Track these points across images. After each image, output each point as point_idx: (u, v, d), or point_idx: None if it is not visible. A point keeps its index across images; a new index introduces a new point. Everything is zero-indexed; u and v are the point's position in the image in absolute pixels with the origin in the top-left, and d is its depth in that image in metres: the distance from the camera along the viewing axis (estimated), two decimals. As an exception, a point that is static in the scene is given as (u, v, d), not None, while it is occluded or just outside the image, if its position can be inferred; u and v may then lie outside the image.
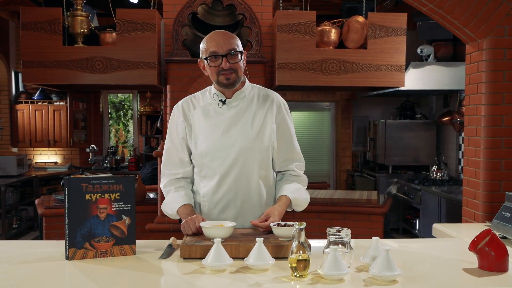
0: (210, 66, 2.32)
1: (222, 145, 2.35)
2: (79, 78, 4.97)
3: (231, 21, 5.10)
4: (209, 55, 2.30)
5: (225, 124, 2.38)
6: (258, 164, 2.39)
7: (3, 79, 8.33)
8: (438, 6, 3.51)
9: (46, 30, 4.93)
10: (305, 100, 8.86)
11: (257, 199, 2.41)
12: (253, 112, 2.40)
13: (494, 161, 3.45)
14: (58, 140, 8.40)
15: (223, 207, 2.39)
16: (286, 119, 2.47)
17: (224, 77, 2.31)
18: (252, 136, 2.37)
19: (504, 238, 2.40)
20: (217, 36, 2.34)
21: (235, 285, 1.73)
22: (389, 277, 1.71)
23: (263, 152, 2.39)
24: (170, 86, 4.92)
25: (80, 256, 1.99)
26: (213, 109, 2.41)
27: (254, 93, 2.46)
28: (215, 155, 2.35)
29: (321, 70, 5.01)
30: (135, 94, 9.19)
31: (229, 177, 2.36)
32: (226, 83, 2.33)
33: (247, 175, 2.37)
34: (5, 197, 6.78)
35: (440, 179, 6.65)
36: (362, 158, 8.51)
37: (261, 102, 2.44)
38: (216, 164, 2.36)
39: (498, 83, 3.44)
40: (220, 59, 2.28)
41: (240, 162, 2.35)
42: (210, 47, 2.31)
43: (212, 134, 2.36)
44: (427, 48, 6.39)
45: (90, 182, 1.99)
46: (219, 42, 2.30)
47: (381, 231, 5.11)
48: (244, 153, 2.35)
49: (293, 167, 2.49)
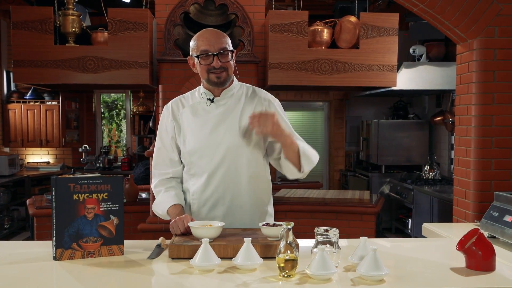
0: (201, 64, 2.32)
1: (210, 143, 2.35)
2: (70, 77, 4.95)
3: (224, 20, 5.09)
4: (200, 53, 2.30)
5: (213, 122, 2.38)
6: (247, 161, 2.38)
7: (-6, 78, 8.30)
8: (429, 6, 3.52)
9: (37, 29, 4.90)
10: (298, 100, 8.86)
11: (247, 197, 2.40)
12: (240, 110, 2.40)
13: (485, 161, 3.46)
14: (50, 140, 8.37)
15: (212, 205, 2.39)
16: (278, 113, 2.41)
17: (215, 75, 2.31)
18: (240, 134, 2.36)
19: (493, 238, 2.41)
20: (208, 35, 2.33)
21: (222, 285, 1.72)
22: (376, 276, 1.71)
23: (252, 150, 2.39)
24: (162, 86, 4.91)
25: (67, 257, 1.98)
26: (201, 108, 2.41)
27: (242, 91, 2.47)
28: (203, 153, 2.36)
29: (313, 70, 5.01)
30: (128, 93, 9.17)
31: (218, 174, 2.36)
32: (217, 82, 2.33)
33: (236, 173, 2.37)
34: (-3, 197, 6.76)
35: (433, 178, 6.67)
36: (355, 157, 8.53)
37: (249, 100, 2.44)
38: (204, 162, 2.36)
39: (488, 83, 3.45)
40: (211, 58, 2.29)
41: (228, 159, 2.36)
42: (201, 45, 2.30)
43: (200, 132, 2.37)
44: (419, 48, 6.41)
45: (77, 182, 1.98)
46: (211, 40, 2.30)
47: (373, 230, 5.11)
48: (232, 151, 2.36)
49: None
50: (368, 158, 7.98)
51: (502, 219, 2.32)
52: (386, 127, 7.66)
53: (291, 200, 5.26)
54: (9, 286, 1.72)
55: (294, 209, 5.13)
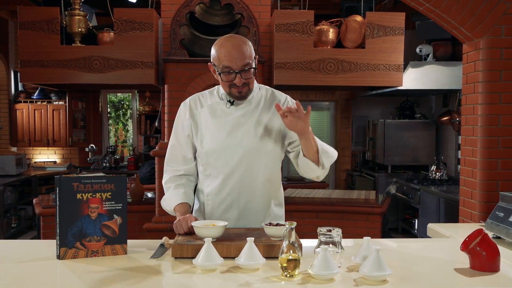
0: (223, 80, 2.28)
1: (227, 145, 2.34)
2: (76, 77, 4.97)
3: (229, 20, 5.10)
4: (223, 69, 2.25)
5: (231, 124, 2.36)
6: (264, 166, 2.38)
7: (2, 78, 8.34)
8: (435, 6, 3.50)
9: (44, 30, 4.93)
10: (304, 100, 8.84)
11: (261, 201, 2.40)
12: (259, 114, 2.39)
13: (491, 161, 3.44)
14: (57, 139, 8.41)
15: (227, 207, 2.38)
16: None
17: (237, 90, 2.29)
18: (258, 138, 2.36)
19: (498, 238, 2.40)
20: (231, 50, 2.23)
21: (225, 285, 1.72)
22: (379, 277, 1.71)
23: (269, 154, 2.38)
24: (168, 86, 4.92)
25: (71, 256, 1.98)
26: (220, 109, 2.40)
27: (261, 94, 2.45)
28: (220, 155, 2.35)
29: (319, 70, 5.00)
30: (135, 93, 9.19)
31: (234, 177, 2.35)
32: (238, 96, 2.31)
33: (251, 176, 2.36)
34: (4, 197, 6.78)
35: (439, 179, 6.64)
36: (361, 157, 8.50)
37: (268, 104, 2.42)
38: (220, 164, 2.35)
39: (495, 83, 3.43)
40: (233, 75, 2.25)
41: (245, 163, 2.35)
42: (224, 61, 2.23)
43: (218, 134, 2.35)
44: (426, 48, 6.38)
45: (81, 182, 1.98)
46: (234, 56, 2.22)
47: (379, 230, 5.10)
48: (249, 154, 2.35)
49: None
50: (374, 158, 7.96)
51: (508, 220, 2.31)
52: (393, 127, 7.63)
53: (296, 200, 5.25)
54: (12, 285, 1.73)
55: (300, 209, 5.12)
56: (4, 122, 8.31)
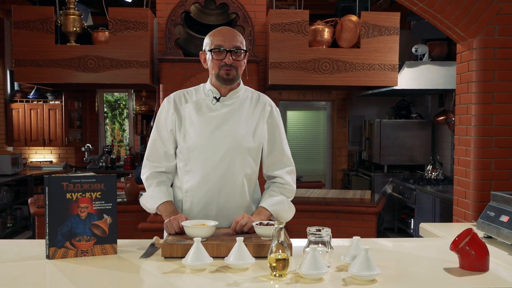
0: (213, 59, 2.32)
1: (212, 141, 2.34)
2: (71, 77, 4.96)
3: (224, 20, 5.10)
4: (214, 47, 2.30)
5: (217, 121, 2.37)
6: (245, 163, 2.39)
7: (-2, 78, 8.32)
8: (429, 5, 3.50)
9: (39, 29, 4.93)
10: (301, 99, 8.85)
11: (240, 197, 2.41)
12: (245, 112, 2.41)
13: (484, 161, 3.44)
14: (53, 139, 8.39)
15: (205, 204, 2.38)
16: (277, 122, 2.48)
17: (225, 71, 2.31)
18: (242, 136, 2.37)
19: (489, 238, 2.40)
20: (225, 31, 2.36)
21: (214, 285, 1.72)
22: (367, 276, 1.70)
23: (252, 151, 2.39)
24: (163, 85, 4.92)
25: (60, 255, 1.98)
26: (205, 105, 2.40)
27: (247, 95, 2.47)
28: (204, 150, 2.34)
29: (314, 69, 5.01)
30: (131, 93, 9.18)
31: (215, 174, 2.35)
32: (226, 78, 2.33)
33: (233, 173, 2.37)
34: (-1, 196, 6.78)
35: (435, 178, 6.64)
36: (357, 157, 8.50)
37: (254, 104, 2.45)
38: (203, 159, 2.35)
39: (488, 83, 3.43)
40: (224, 54, 2.29)
41: (228, 159, 2.35)
42: (216, 41, 2.31)
43: (203, 129, 2.35)
44: (421, 48, 6.38)
45: (70, 181, 1.98)
46: (226, 36, 2.32)
47: (374, 230, 5.10)
48: (233, 151, 2.35)
49: (282, 173, 2.47)
50: (370, 157, 7.96)
51: (498, 219, 2.31)
52: (389, 127, 7.64)
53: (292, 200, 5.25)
54: (1, 284, 1.72)
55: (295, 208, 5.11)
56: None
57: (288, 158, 2.51)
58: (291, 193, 2.52)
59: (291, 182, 2.51)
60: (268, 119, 2.44)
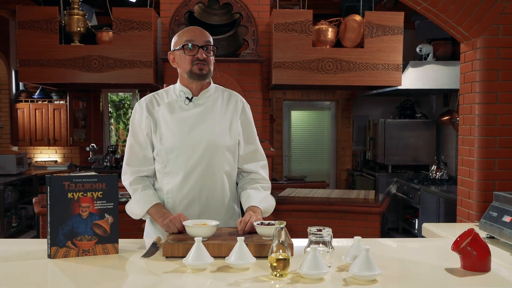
0: (186, 55, 2.32)
1: (188, 141, 2.35)
2: (75, 77, 4.97)
3: (228, 20, 5.10)
4: (185, 43, 2.31)
5: (192, 121, 2.38)
6: (224, 160, 2.41)
7: (3, 77, 8.35)
8: (432, 5, 3.49)
9: (43, 29, 4.94)
10: (305, 99, 8.85)
11: (221, 195, 2.43)
12: (218, 110, 2.43)
13: (488, 161, 3.43)
14: (58, 139, 8.41)
15: (188, 204, 2.38)
16: (249, 118, 2.52)
17: (198, 67, 2.32)
18: (219, 133, 2.39)
19: (492, 238, 2.39)
20: (194, 28, 2.40)
21: (214, 284, 1.72)
22: (368, 276, 1.70)
23: (229, 149, 2.42)
24: (166, 85, 4.91)
25: (62, 255, 1.98)
26: (178, 106, 2.41)
27: (218, 93, 2.50)
28: (181, 151, 2.35)
29: (317, 69, 5.00)
30: (135, 93, 9.19)
31: (195, 173, 2.36)
32: (199, 74, 2.33)
33: (213, 171, 2.38)
34: (4, 196, 6.79)
35: (440, 178, 6.62)
36: (362, 157, 8.49)
37: (226, 101, 2.48)
38: (181, 160, 2.36)
39: (492, 82, 3.42)
40: (196, 49, 2.30)
41: (207, 158, 2.36)
42: (186, 37, 2.33)
43: (179, 130, 2.36)
44: (426, 47, 6.36)
45: (72, 181, 1.98)
46: (197, 33, 2.35)
47: (378, 230, 5.09)
48: (211, 150, 2.37)
49: (257, 168, 2.51)
50: (375, 157, 7.95)
51: (501, 220, 2.30)
52: (393, 127, 7.62)
53: (295, 200, 5.24)
54: (2, 284, 1.73)
55: (298, 208, 5.11)
56: (5, 121, 8.32)
57: (260, 153, 2.55)
58: (269, 187, 2.56)
59: (266, 177, 2.56)
60: (241, 115, 2.48)
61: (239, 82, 4.84)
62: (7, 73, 8.36)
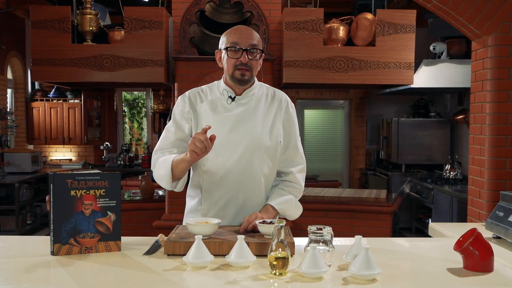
0: (229, 57, 2.29)
1: (229, 141, 2.32)
2: (87, 76, 5.01)
3: (239, 18, 5.10)
4: (230, 45, 2.27)
5: (233, 121, 2.35)
6: (263, 162, 2.36)
7: (19, 77, 8.45)
8: (442, 3, 3.46)
9: (56, 28, 4.98)
10: (318, 98, 8.82)
11: (258, 198, 2.39)
12: (261, 111, 2.38)
13: (499, 160, 3.39)
14: (72, 137, 8.50)
15: (224, 204, 2.36)
16: (292, 119, 2.46)
17: (240, 72, 2.28)
18: (260, 135, 2.35)
19: (498, 238, 2.36)
20: (242, 29, 2.33)
21: (213, 282, 1.72)
22: (367, 276, 1.69)
23: (270, 150, 2.37)
24: (177, 84, 4.94)
25: (65, 252, 2.00)
26: (221, 105, 2.38)
27: (262, 92, 2.44)
28: (221, 151, 2.31)
29: (328, 68, 4.98)
30: (149, 92, 9.24)
31: (233, 174, 2.33)
32: (240, 79, 2.30)
33: (251, 172, 2.34)
34: (19, 194, 6.87)
35: (453, 178, 6.56)
36: (375, 156, 8.44)
37: (269, 101, 2.42)
38: (220, 160, 2.33)
39: (503, 81, 3.38)
40: (240, 52, 2.26)
41: (245, 159, 2.33)
42: (232, 38, 2.28)
43: (220, 130, 2.30)
44: (440, 46, 6.30)
45: (75, 178, 2.00)
46: (243, 34, 2.29)
47: (389, 230, 5.06)
48: (250, 151, 2.33)
49: (295, 171, 2.47)
50: (388, 157, 7.90)
51: (507, 219, 2.27)
52: (407, 126, 7.57)
53: (306, 199, 5.23)
54: (5, 280, 1.75)
55: (309, 207, 5.10)
56: (21, 120, 8.42)
57: (300, 155, 2.50)
58: (300, 192, 2.51)
59: (300, 181, 2.50)
60: (284, 115, 2.42)
61: (250, 80, 4.83)
62: (23, 73, 8.46)
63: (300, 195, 2.53)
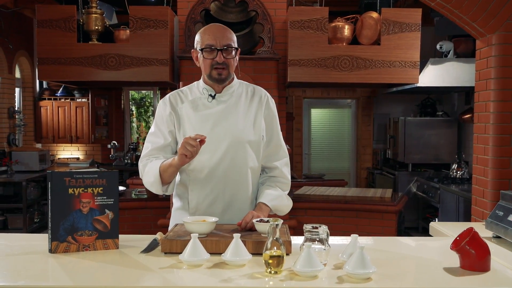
0: (205, 58, 2.32)
1: (212, 139, 2.33)
2: (93, 75, 5.04)
3: (244, 17, 5.09)
4: (205, 47, 2.30)
5: (215, 118, 2.38)
6: (248, 156, 2.39)
7: (27, 76, 8.51)
8: (446, 1, 3.44)
9: (61, 28, 5.01)
10: (325, 97, 8.80)
11: (245, 192, 2.41)
12: (242, 107, 2.42)
13: (503, 159, 3.37)
14: (80, 136, 8.54)
15: (212, 201, 2.38)
16: (274, 113, 2.50)
17: (217, 72, 2.32)
18: (242, 130, 2.37)
19: (498, 238, 2.34)
20: (214, 29, 2.35)
21: (208, 280, 1.72)
22: (362, 274, 1.68)
23: (254, 145, 2.40)
24: (182, 83, 4.95)
25: (62, 250, 2.01)
26: (202, 103, 2.41)
27: (242, 89, 2.48)
28: (205, 149, 2.30)
29: (333, 67, 4.97)
30: (156, 91, 9.27)
31: (219, 170, 2.35)
32: (218, 78, 2.33)
33: (237, 168, 2.37)
34: (27, 192, 6.92)
35: (460, 177, 6.52)
36: (382, 155, 8.42)
37: (250, 97, 2.46)
38: (205, 158, 2.34)
39: (507, 79, 3.36)
40: (215, 52, 2.29)
41: (230, 155, 2.35)
42: (206, 40, 2.31)
43: (202, 128, 2.34)
44: (446, 44, 6.27)
45: (73, 177, 2.01)
46: (217, 35, 2.31)
47: (394, 229, 5.04)
48: (234, 147, 2.35)
49: (280, 165, 2.50)
50: (395, 156, 7.87)
51: (506, 219, 2.25)
52: (414, 125, 7.53)
53: (311, 198, 5.23)
54: (3, 277, 1.76)
55: (314, 206, 5.10)
56: (29, 119, 8.48)
57: (283, 149, 2.54)
58: (287, 186, 2.54)
59: (287, 175, 2.53)
60: (265, 111, 2.46)
61: (254, 79, 4.83)
62: (31, 72, 8.51)
63: (288, 189, 2.55)
